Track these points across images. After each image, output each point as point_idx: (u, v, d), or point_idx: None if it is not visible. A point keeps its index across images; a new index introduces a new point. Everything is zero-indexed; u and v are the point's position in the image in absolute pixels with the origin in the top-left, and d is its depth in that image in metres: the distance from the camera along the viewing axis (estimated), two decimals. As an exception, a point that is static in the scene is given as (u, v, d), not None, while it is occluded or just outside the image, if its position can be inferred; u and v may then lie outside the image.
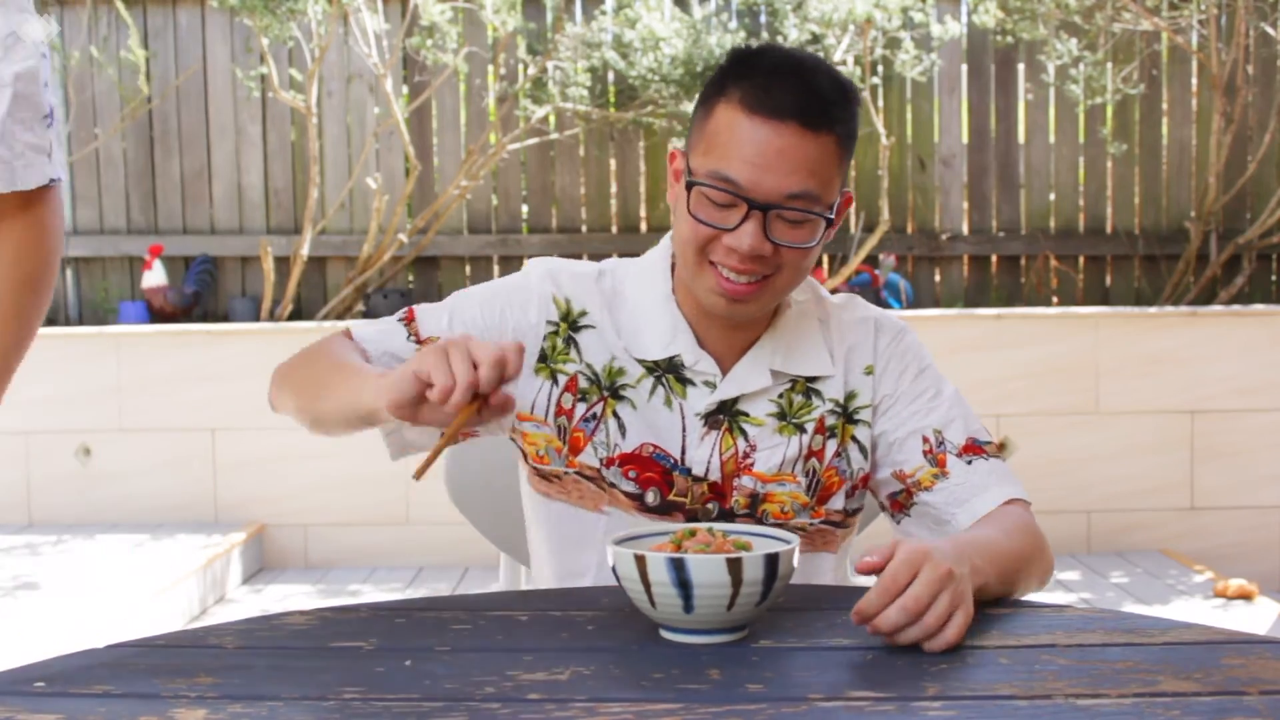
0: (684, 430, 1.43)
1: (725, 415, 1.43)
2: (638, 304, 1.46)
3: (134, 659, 1.08)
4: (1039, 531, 1.38)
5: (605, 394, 1.45)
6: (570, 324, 1.46)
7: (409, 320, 1.48)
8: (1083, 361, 4.58)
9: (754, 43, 4.95)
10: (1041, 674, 1.01)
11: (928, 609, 1.07)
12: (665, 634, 1.13)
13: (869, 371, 1.47)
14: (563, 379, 1.45)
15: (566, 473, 1.46)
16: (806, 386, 1.46)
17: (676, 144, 1.48)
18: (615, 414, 1.44)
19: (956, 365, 4.47)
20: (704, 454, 1.43)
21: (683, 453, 1.43)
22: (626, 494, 1.44)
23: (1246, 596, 3.87)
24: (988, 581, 1.19)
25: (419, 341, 1.45)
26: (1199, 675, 1.00)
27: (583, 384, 1.45)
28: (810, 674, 1.01)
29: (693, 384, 1.43)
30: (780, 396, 1.45)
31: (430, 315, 1.48)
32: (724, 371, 1.44)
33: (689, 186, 1.35)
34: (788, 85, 1.31)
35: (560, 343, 1.46)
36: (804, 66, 1.34)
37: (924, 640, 1.07)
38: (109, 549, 4.17)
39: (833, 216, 1.36)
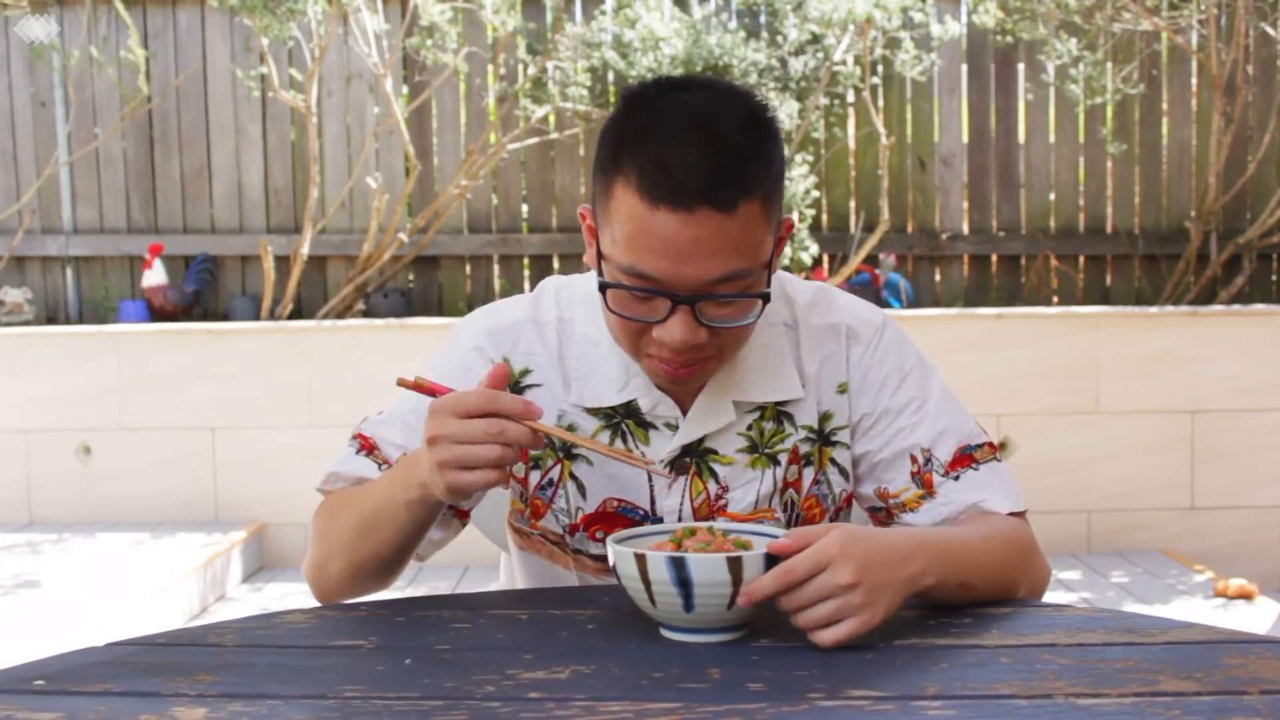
0: (650, 480, 1.35)
1: (692, 458, 1.34)
2: (587, 340, 1.36)
3: (134, 658, 1.08)
4: (1029, 543, 1.31)
5: (560, 455, 1.36)
6: (512, 388, 1.35)
7: (369, 449, 1.37)
8: (1083, 361, 4.58)
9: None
10: (1042, 673, 1.01)
11: (810, 608, 1.07)
12: (665, 633, 1.13)
13: (843, 390, 1.37)
14: None
15: (532, 533, 1.43)
16: (777, 411, 1.36)
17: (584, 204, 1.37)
18: (573, 475, 1.36)
19: (956, 365, 4.47)
20: (674, 503, 1.35)
21: (651, 503, 1.35)
22: (594, 557, 1.38)
23: (1246, 596, 3.87)
24: (942, 582, 1.15)
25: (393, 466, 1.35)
26: (1199, 675, 1.00)
27: (533, 450, 1.33)
28: (810, 674, 1.01)
29: (654, 427, 1.34)
30: (749, 428, 1.35)
31: (386, 433, 1.37)
32: (684, 410, 1.34)
33: (603, 289, 1.23)
34: (689, 160, 1.14)
35: None
36: (704, 123, 1.16)
37: (807, 631, 1.08)
38: (109, 548, 4.17)
39: (768, 290, 1.23)
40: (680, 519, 1.36)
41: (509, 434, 1.12)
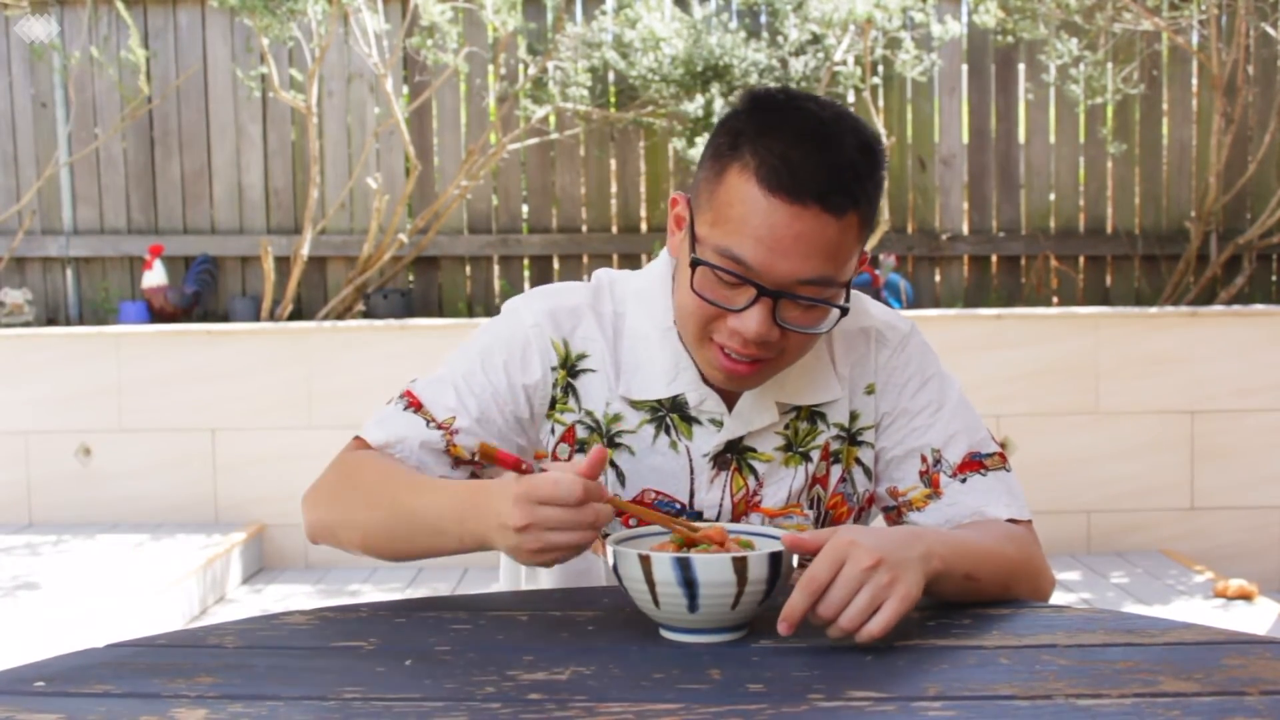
0: (692, 473, 1.37)
1: (733, 454, 1.38)
2: (638, 334, 1.39)
3: (134, 659, 1.08)
4: (1032, 547, 1.33)
5: (603, 443, 1.38)
6: (569, 370, 1.38)
7: (416, 407, 1.37)
8: (1083, 361, 4.58)
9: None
10: (1042, 674, 1.01)
11: (846, 608, 1.06)
12: (665, 634, 1.13)
13: (870, 391, 1.42)
14: (559, 429, 1.39)
15: None
16: (811, 411, 1.40)
17: (677, 190, 1.40)
18: (613, 463, 1.38)
19: (956, 365, 4.44)
20: (714, 497, 1.38)
21: (691, 496, 1.37)
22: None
23: (1246, 596, 3.87)
24: (948, 569, 1.16)
25: (440, 427, 1.35)
26: (1199, 675, 1.00)
27: (581, 433, 1.38)
28: (810, 674, 1.01)
29: (698, 423, 1.37)
30: (786, 427, 1.39)
31: (435, 395, 1.37)
32: (729, 406, 1.37)
33: (694, 265, 1.25)
34: (811, 160, 1.20)
35: (559, 392, 1.38)
36: (829, 134, 1.22)
37: (850, 635, 1.07)
38: (109, 549, 4.17)
39: (848, 305, 1.27)
40: (720, 513, 1.38)
41: (599, 519, 1.12)
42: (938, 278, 5.33)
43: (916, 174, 5.29)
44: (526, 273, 5.33)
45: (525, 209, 5.33)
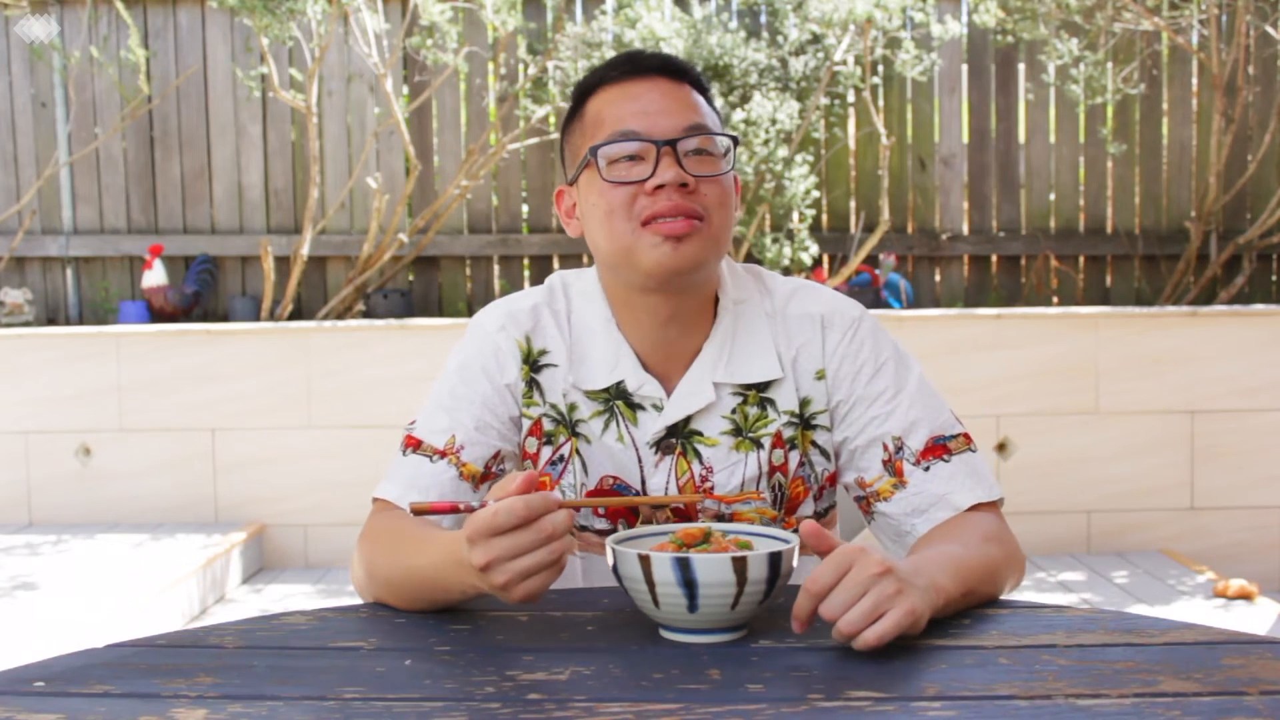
0: (639, 460, 1.42)
1: (678, 439, 1.41)
2: (585, 328, 1.45)
3: (134, 659, 1.08)
4: (1006, 536, 1.33)
5: (570, 433, 1.43)
6: (532, 365, 1.45)
7: (416, 445, 1.41)
8: (1083, 361, 4.58)
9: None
10: (1042, 674, 1.01)
11: (848, 611, 1.04)
12: (665, 634, 1.13)
13: (820, 377, 1.43)
14: (527, 423, 1.44)
15: None
16: (760, 398, 1.42)
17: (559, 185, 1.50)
18: (578, 452, 1.43)
19: (956, 365, 4.48)
20: (661, 480, 1.41)
21: (642, 483, 1.42)
22: (599, 532, 1.44)
23: (1246, 596, 3.87)
24: (950, 598, 1.16)
25: (443, 455, 1.39)
26: (1199, 675, 1.00)
27: (548, 426, 1.44)
28: (810, 674, 1.01)
29: (642, 409, 1.41)
30: (734, 411, 1.41)
31: (429, 424, 1.42)
32: (669, 391, 1.41)
33: (594, 152, 1.36)
34: (645, 56, 1.42)
35: (525, 386, 1.45)
36: (648, 50, 1.47)
37: (848, 639, 1.05)
38: (109, 549, 4.17)
39: (736, 134, 1.40)
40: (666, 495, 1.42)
41: (557, 529, 1.08)
42: (938, 278, 5.33)
43: (916, 174, 5.29)
44: (526, 273, 5.33)
45: (525, 209, 5.33)
